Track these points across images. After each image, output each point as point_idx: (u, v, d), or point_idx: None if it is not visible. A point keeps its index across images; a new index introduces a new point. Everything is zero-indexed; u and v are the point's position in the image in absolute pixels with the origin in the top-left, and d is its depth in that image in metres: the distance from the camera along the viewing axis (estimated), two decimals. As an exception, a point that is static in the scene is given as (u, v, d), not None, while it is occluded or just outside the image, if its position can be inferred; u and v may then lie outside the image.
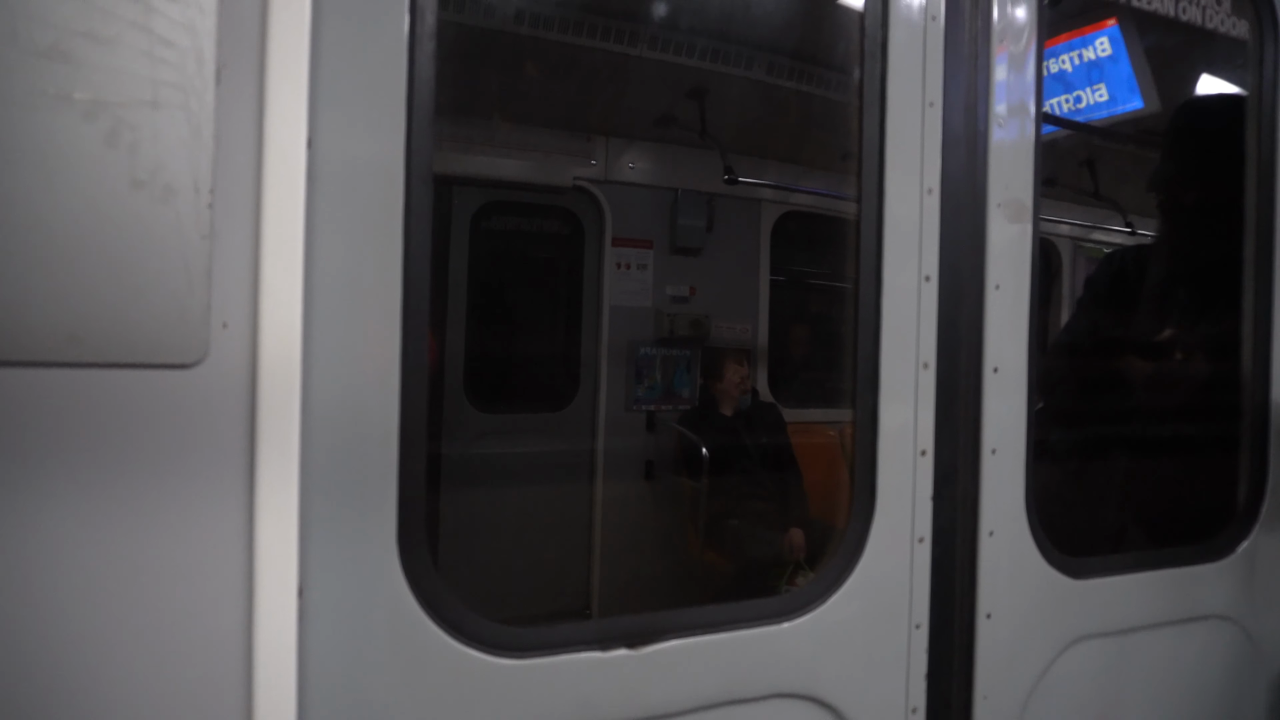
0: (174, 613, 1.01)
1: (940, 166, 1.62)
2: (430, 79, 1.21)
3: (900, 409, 1.60)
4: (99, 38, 0.93)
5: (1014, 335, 1.69)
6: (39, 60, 0.91)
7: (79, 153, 0.93)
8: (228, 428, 1.03)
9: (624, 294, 5.00)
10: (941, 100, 1.62)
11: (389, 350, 1.20)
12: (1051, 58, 3.08)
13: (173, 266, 0.98)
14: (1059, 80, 3.18)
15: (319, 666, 1.16)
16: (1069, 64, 3.11)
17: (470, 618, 1.27)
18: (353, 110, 1.16)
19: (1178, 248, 2.32)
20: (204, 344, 1.01)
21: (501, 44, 3.88)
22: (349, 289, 1.17)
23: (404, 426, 1.21)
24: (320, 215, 1.13)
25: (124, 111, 0.95)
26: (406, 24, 1.19)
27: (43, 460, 0.93)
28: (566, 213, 5.03)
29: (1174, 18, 1.94)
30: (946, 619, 1.66)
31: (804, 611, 1.54)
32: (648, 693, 1.40)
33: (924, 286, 1.61)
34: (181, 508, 1.01)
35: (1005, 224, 1.67)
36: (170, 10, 0.97)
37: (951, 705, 1.67)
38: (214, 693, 1.04)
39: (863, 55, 1.59)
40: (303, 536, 1.08)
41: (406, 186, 1.20)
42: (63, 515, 0.95)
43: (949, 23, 1.63)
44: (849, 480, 1.61)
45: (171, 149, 0.98)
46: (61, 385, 0.94)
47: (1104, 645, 1.83)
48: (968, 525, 1.67)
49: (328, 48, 1.13)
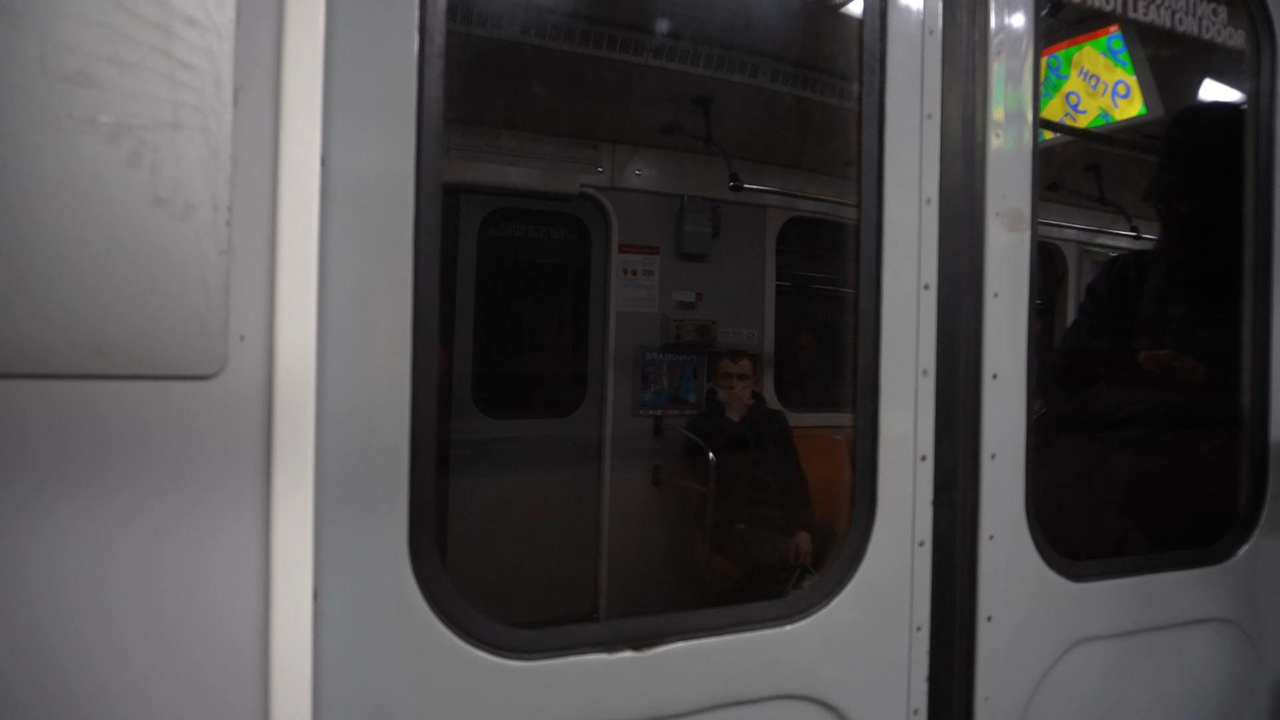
0: (193, 615, 1.05)
1: (939, 177, 1.65)
2: (439, 99, 1.25)
3: (900, 415, 1.63)
4: (122, 62, 0.97)
5: (1013, 342, 1.71)
6: (66, 85, 0.95)
7: (103, 173, 0.97)
8: (245, 437, 1.06)
9: (630, 300, 5.02)
10: (940, 112, 1.65)
11: (400, 361, 1.23)
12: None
13: (192, 281, 1.02)
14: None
15: (333, 668, 1.19)
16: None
17: (479, 620, 1.30)
18: (364, 129, 1.20)
19: (1176, 255, 2.34)
20: (222, 356, 1.04)
21: (509, 55, 3.92)
22: (361, 301, 1.21)
23: (414, 435, 1.24)
24: (334, 230, 1.17)
25: (146, 133, 0.99)
26: (416, 43, 1.23)
27: (70, 468, 0.97)
28: (574, 220, 5.07)
29: (1171, 28, 1.96)
30: (947, 622, 1.69)
31: (807, 614, 1.56)
32: (653, 694, 1.43)
33: (923, 295, 1.64)
34: (200, 513, 1.04)
35: (1003, 233, 1.70)
36: (190, 35, 1.01)
37: (953, 708, 1.69)
38: (232, 693, 1.07)
39: (861, 68, 1.62)
40: (317, 541, 1.11)
41: (416, 202, 1.24)
42: (88, 520, 0.99)
43: (946, 36, 1.66)
44: (850, 485, 1.63)
45: (191, 168, 1.01)
46: (88, 397, 0.97)
47: (1105, 648, 1.85)
48: (968, 529, 1.69)
49: (340, 69, 1.17)
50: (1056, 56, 3.10)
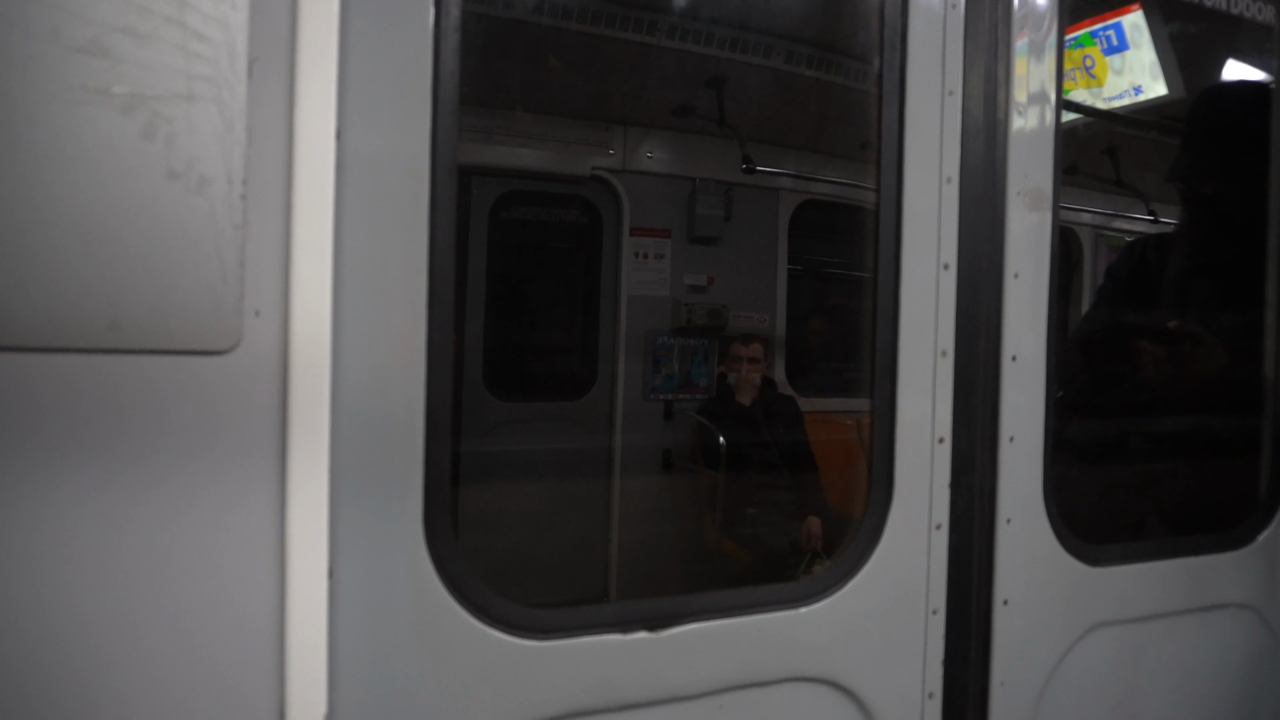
0: (208, 592, 1.04)
1: (959, 155, 1.63)
2: (454, 71, 1.23)
3: (918, 397, 1.61)
4: (136, 33, 0.96)
5: (1033, 323, 1.69)
6: (79, 56, 0.93)
7: (117, 145, 0.96)
8: (260, 412, 1.06)
9: (642, 283, 5.01)
10: (961, 89, 1.62)
11: (415, 337, 1.22)
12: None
13: (207, 256, 1.01)
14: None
15: (348, 646, 1.19)
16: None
17: (494, 599, 1.30)
18: (380, 103, 1.19)
19: (1198, 238, 2.30)
20: (237, 331, 1.03)
21: (522, 35, 3.89)
22: (376, 277, 1.20)
23: (430, 412, 1.23)
24: (348, 205, 1.15)
25: (160, 105, 0.98)
26: (432, 17, 1.21)
27: (85, 442, 0.97)
28: (585, 202, 5.05)
29: (1198, 3, 1.92)
30: (964, 605, 1.68)
31: (822, 597, 1.55)
32: (667, 674, 1.42)
33: (942, 275, 1.62)
34: (215, 489, 1.04)
35: (1025, 212, 1.67)
36: (204, 5, 0.99)
37: (968, 691, 1.68)
38: (247, 671, 1.07)
39: (882, 44, 1.59)
40: (332, 520, 1.11)
41: (432, 177, 1.22)
42: (103, 494, 0.98)
43: (969, 11, 1.63)
44: (866, 468, 1.62)
45: (205, 141, 1.00)
46: (103, 371, 0.97)
47: (1122, 633, 1.83)
48: (985, 513, 1.68)
49: (356, 41, 1.15)
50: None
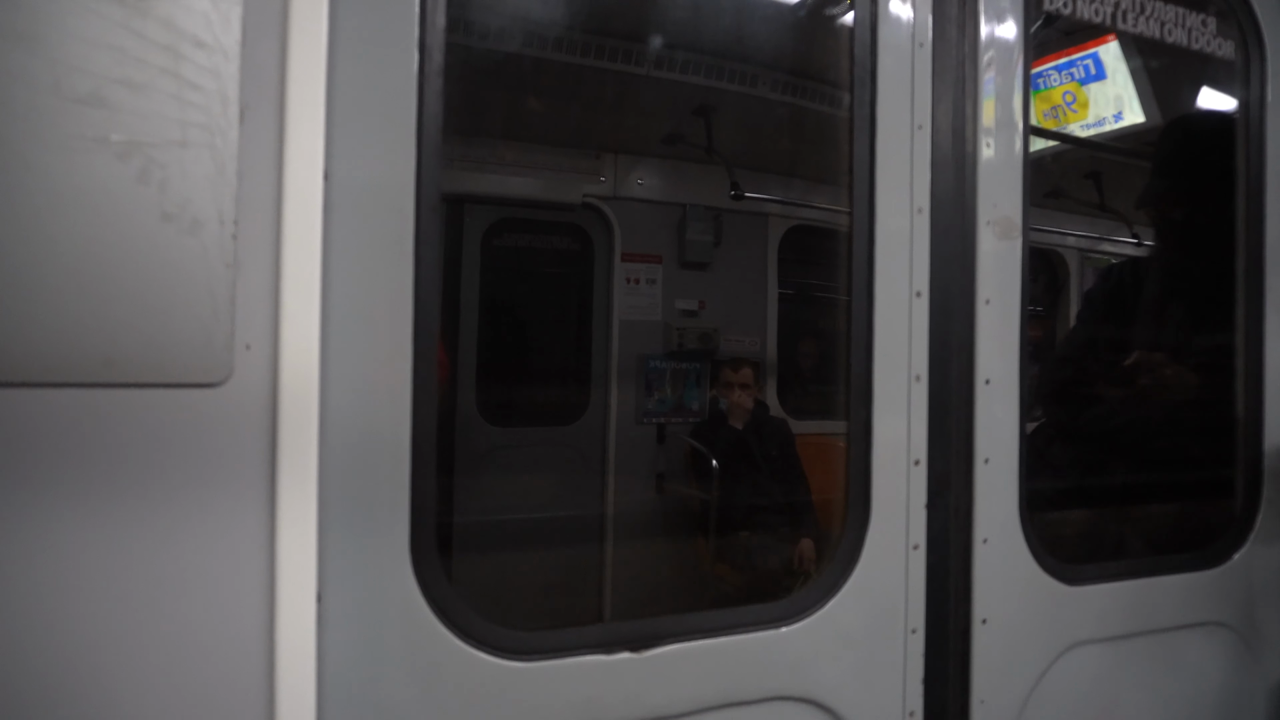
0: (200, 618, 1.08)
1: (930, 186, 1.68)
2: (438, 114, 1.28)
3: (894, 420, 1.65)
4: (133, 84, 1.01)
5: (1005, 348, 1.74)
6: (78, 106, 0.99)
7: (114, 190, 1.01)
8: (250, 443, 1.10)
9: (633, 308, 5.06)
10: (930, 123, 1.68)
11: (401, 368, 1.27)
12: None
13: (199, 293, 1.05)
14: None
15: (336, 669, 1.22)
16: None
17: (480, 622, 1.33)
18: (366, 145, 1.24)
19: (1170, 263, 2.36)
20: (228, 365, 1.08)
21: (512, 67, 3.97)
22: (363, 312, 1.25)
23: (415, 441, 1.27)
24: (336, 243, 1.20)
25: (155, 151, 1.03)
26: (416, 64, 1.27)
27: (80, 473, 1.00)
28: (576, 229, 5.11)
29: (1160, 39, 1.99)
30: (942, 625, 1.71)
31: (802, 616, 1.59)
32: (650, 695, 1.45)
33: (915, 302, 1.67)
34: (207, 518, 1.08)
35: (994, 240, 1.72)
36: (197, 57, 1.04)
37: (948, 710, 1.71)
38: (238, 694, 1.10)
39: (853, 80, 1.65)
40: (321, 545, 1.15)
41: (417, 215, 1.28)
42: (97, 523, 1.02)
43: (936, 48, 1.69)
44: (844, 489, 1.66)
45: (198, 184, 1.05)
46: (100, 404, 1.01)
47: (1100, 651, 1.86)
48: (962, 533, 1.71)
49: (342, 88, 1.20)
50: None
